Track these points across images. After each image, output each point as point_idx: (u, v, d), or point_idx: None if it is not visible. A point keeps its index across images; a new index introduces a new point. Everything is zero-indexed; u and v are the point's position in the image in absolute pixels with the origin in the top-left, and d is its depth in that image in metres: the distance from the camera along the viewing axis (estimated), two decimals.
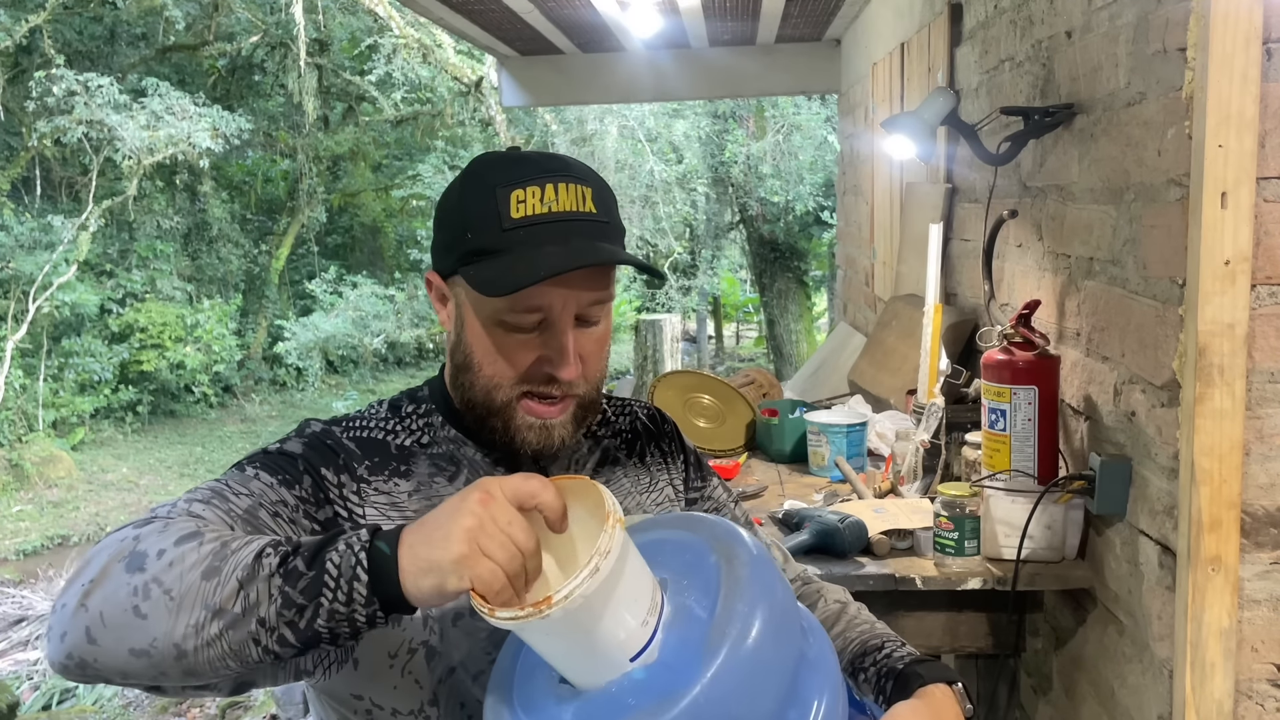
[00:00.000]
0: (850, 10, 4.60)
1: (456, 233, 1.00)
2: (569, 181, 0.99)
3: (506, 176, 0.98)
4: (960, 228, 2.67)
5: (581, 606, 0.75)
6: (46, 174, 13.04)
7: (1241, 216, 1.29)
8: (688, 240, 13.56)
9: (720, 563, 0.84)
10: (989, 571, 1.73)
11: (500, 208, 0.97)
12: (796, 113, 11.09)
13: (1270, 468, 1.34)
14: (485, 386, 1.01)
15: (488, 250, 0.97)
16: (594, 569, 0.75)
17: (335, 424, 1.04)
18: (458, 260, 1.00)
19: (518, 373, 1.00)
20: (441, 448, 1.06)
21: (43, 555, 9.87)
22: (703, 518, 0.94)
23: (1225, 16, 1.27)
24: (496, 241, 0.96)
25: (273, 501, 0.93)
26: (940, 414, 2.07)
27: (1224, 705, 1.36)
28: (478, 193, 0.99)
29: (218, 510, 0.89)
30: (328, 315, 12.96)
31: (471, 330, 1.01)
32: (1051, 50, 1.92)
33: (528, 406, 1.01)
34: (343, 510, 0.98)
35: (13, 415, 11.53)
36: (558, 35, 5.10)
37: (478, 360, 1.01)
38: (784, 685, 0.80)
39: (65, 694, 6.64)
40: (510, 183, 0.98)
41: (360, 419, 1.06)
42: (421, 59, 11.83)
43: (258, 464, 0.96)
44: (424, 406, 1.09)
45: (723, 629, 0.78)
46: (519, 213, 0.97)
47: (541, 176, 0.98)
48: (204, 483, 0.94)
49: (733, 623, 0.78)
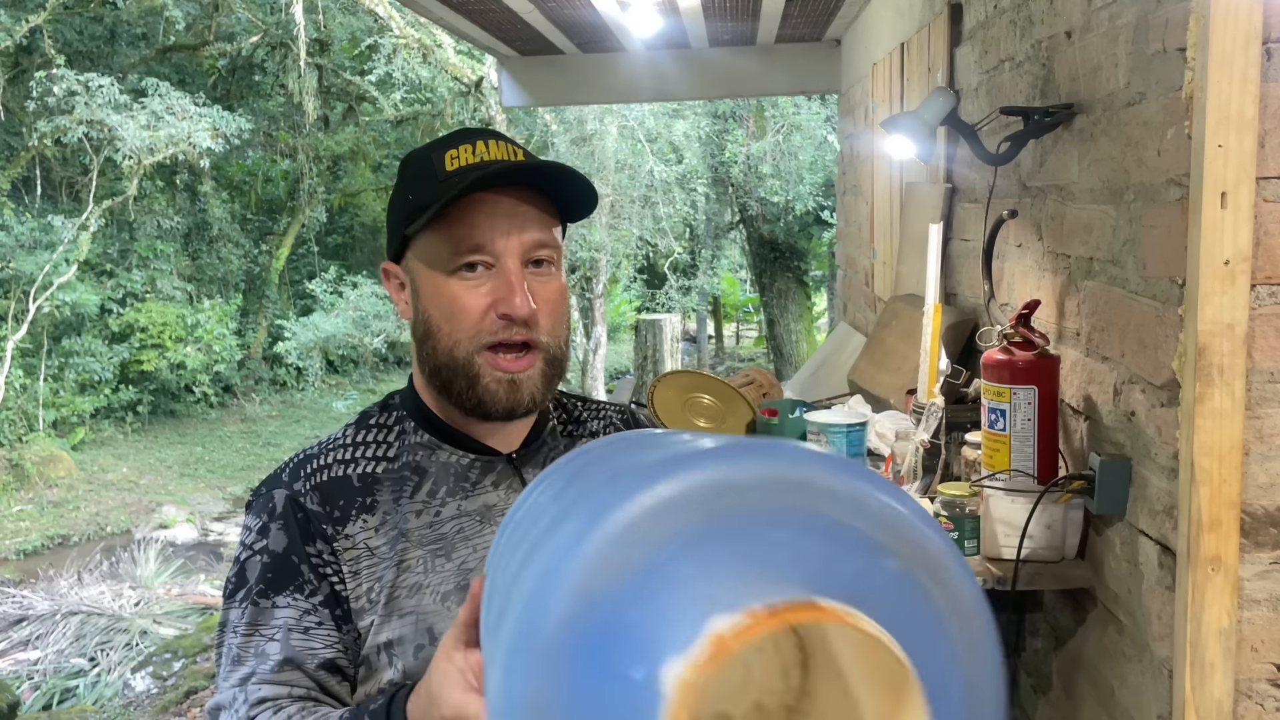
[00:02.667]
0: (850, 10, 4.60)
1: (400, 206, 1.05)
2: (500, 140, 1.05)
3: (440, 145, 1.05)
4: (960, 228, 2.67)
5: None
6: (47, 174, 13.05)
7: (1241, 216, 1.29)
8: (688, 240, 13.56)
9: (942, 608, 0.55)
10: (989, 571, 1.73)
11: (435, 166, 1.03)
12: (796, 113, 11.09)
13: (1270, 468, 1.34)
14: (446, 346, 1.02)
15: (426, 202, 1.00)
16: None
17: (297, 476, 1.04)
18: (403, 224, 1.03)
19: (474, 322, 1.01)
20: (407, 457, 1.06)
21: (43, 555, 9.87)
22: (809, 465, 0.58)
23: (1225, 16, 1.27)
24: (433, 192, 1.00)
25: (298, 620, 0.99)
26: (940, 414, 2.07)
27: (1224, 705, 1.36)
28: (416, 164, 1.06)
29: (272, 685, 0.96)
30: (328, 315, 12.96)
31: (426, 295, 1.03)
32: (1051, 50, 1.92)
33: (491, 360, 1.01)
34: (332, 574, 1.01)
35: (13, 415, 11.53)
36: (558, 35, 5.10)
37: (435, 322, 1.03)
38: None
39: (65, 694, 6.64)
40: (444, 147, 1.04)
41: (321, 454, 1.06)
42: (421, 59, 11.83)
43: (267, 587, 0.99)
44: (395, 414, 1.10)
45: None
46: (452, 165, 1.02)
47: (473, 137, 1.04)
48: (238, 636, 0.99)
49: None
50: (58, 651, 7.10)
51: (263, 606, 0.99)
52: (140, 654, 7.00)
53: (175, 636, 7.25)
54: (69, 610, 7.52)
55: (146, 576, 8.47)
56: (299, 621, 0.98)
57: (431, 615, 1.00)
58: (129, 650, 7.07)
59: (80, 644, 7.16)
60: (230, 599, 1.01)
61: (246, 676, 0.97)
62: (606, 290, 12.50)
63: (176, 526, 10.60)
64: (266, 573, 1.00)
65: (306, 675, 0.98)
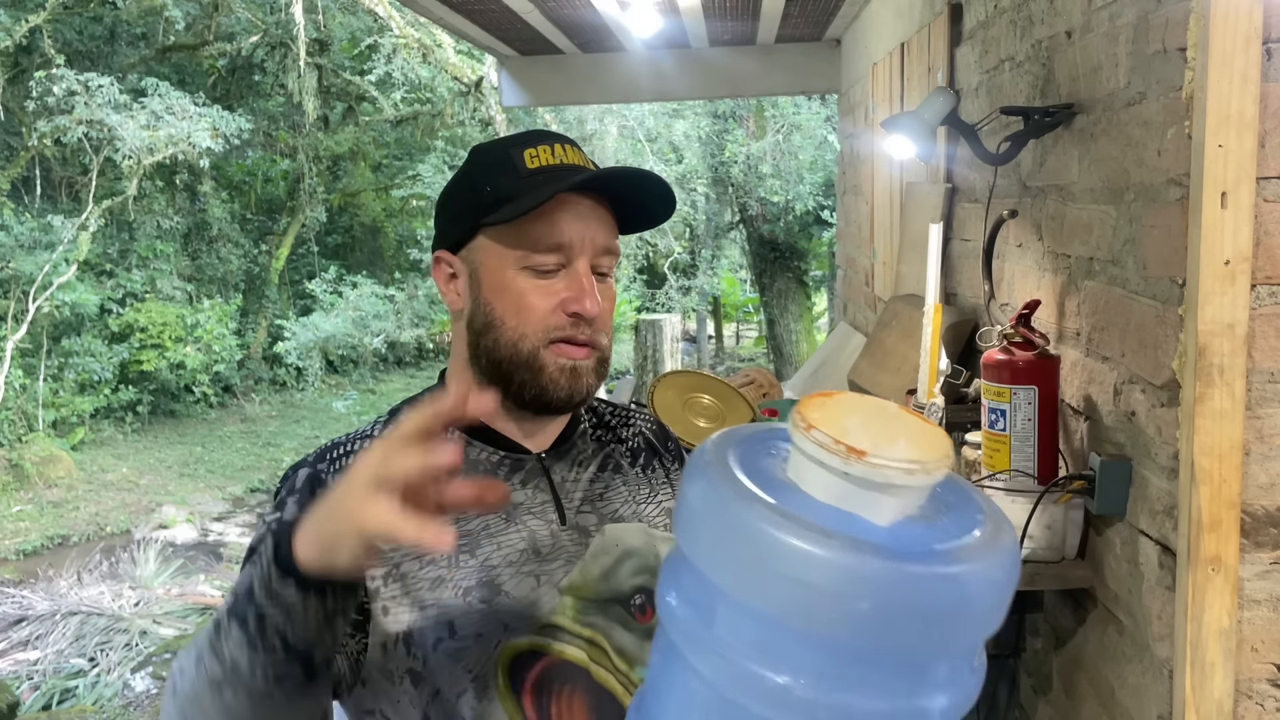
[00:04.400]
0: (850, 10, 4.60)
1: (473, 194, 1.05)
2: (575, 146, 1.07)
3: (516, 142, 1.06)
4: (960, 228, 2.67)
5: (879, 484, 0.71)
6: (46, 174, 13.05)
7: (1241, 216, 1.29)
8: (688, 240, 13.57)
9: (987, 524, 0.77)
10: None
11: (516, 163, 1.03)
12: (796, 112, 11.10)
13: (1270, 468, 1.34)
14: (511, 340, 1.02)
15: (508, 195, 1.01)
16: (913, 469, 0.71)
17: (322, 459, 1.04)
18: (477, 214, 1.03)
19: (543, 319, 1.02)
20: None
21: (43, 555, 9.87)
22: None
23: (1225, 16, 1.27)
24: (516, 185, 1.02)
25: None
26: (940, 414, 2.07)
27: (1224, 705, 1.36)
28: (491, 157, 1.06)
29: None
30: (328, 315, 12.96)
31: (491, 287, 1.03)
32: (1051, 50, 1.92)
33: (558, 349, 1.02)
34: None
35: (13, 415, 11.53)
36: (558, 35, 5.10)
37: (500, 315, 1.03)
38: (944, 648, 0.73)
39: (65, 694, 6.64)
40: (522, 145, 1.05)
41: (348, 441, 1.06)
42: (421, 59, 11.83)
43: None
44: None
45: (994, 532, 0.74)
46: (533, 164, 1.03)
47: (550, 139, 1.06)
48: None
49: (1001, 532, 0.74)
50: (57, 652, 7.10)
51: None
52: (140, 654, 7.01)
53: (175, 636, 7.26)
54: (69, 610, 7.53)
55: (146, 576, 8.47)
56: None
57: (453, 610, 1.00)
58: (129, 650, 7.08)
59: (80, 644, 7.17)
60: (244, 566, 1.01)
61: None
62: None
63: (176, 527, 10.60)
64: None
65: None
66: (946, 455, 0.74)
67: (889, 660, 0.70)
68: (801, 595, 0.68)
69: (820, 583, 0.67)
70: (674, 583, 0.78)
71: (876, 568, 0.68)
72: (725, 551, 0.72)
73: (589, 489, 1.11)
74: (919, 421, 0.79)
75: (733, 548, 0.71)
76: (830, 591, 0.67)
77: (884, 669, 0.70)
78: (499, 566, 1.03)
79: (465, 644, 0.99)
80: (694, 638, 0.74)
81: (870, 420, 0.77)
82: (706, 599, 0.74)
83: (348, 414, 13.47)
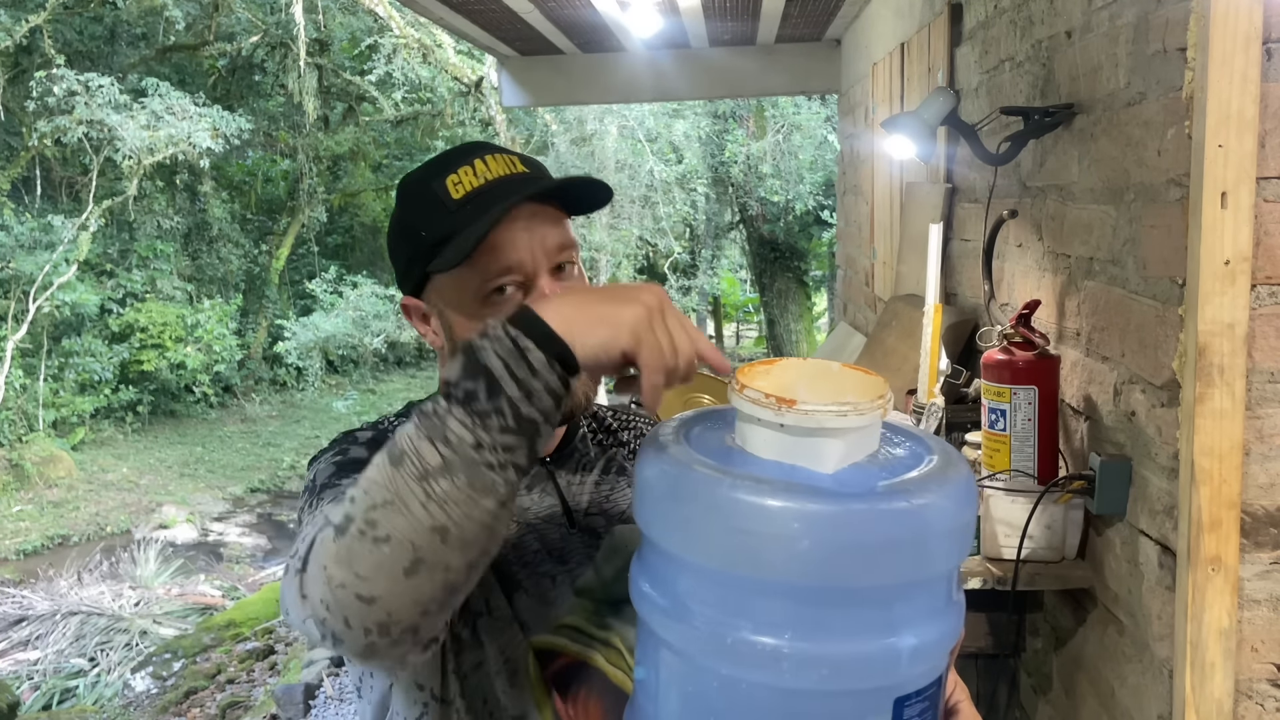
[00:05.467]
0: (850, 10, 4.60)
1: (412, 241, 1.02)
2: (494, 153, 1.03)
3: (436, 172, 1.02)
4: (960, 228, 2.67)
5: (812, 429, 0.74)
6: (46, 174, 13.05)
7: (1241, 216, 1.29)
8: (688, 240, 13.57)
9: (937, 459, 0.80)
10: (989, 571, 1.73)
11: (441, 197, 1.00)
12: (796, 112, 11.10)
13: (1270, 468, 1.34)
14: None
15: (445, 236, 0.98)
16: (844, 411, 0.74)
17: (372, 425, 1.06)
18: (423, 262, 1.01)
19: None
20: None
21: (43, 555, 9.87)
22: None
23: (1225, 16, 1.27)
24: (449, 224, 0.99)
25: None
26: (940, 414, 2.07)
27: (1224, 705, 1.36)
28: (417, 197, 1.03)
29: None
30: (328, 315, 12.96)
31: (462, 325, 1.02)
32: (1051, 50, 1.92)
33: None
34: None
35: (13, 415, 11.53)
36: (558, 35, 5.10)
37: None
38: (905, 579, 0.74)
39: (65, 694, 6.64)
40: (441, 173, 1.01)
41: (383, 420, 1.09)
42: (421, 59, 11.83)
43: (348, 467, 0.97)
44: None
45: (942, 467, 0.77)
46: (458, 193, 1.00)
47: (467, 157, 1.02)
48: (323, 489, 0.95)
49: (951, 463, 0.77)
50: (58, 651, 7.10)
51: (350, 454, 0.99)
52: (140, 654, 7.00)
53: (175, 636, 7.25)
54: (69, 610, 7.52)
55: (146, 576, 8.47)
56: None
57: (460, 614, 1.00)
58: (129, 650, 7.08)
59: (80, 644, 7.17)
60: (307, 497, 0.98)
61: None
62: None
63: (176, 527, 10.60)
64: (345, 466, 0.98)
65: None
66: (880, 396, 0.77)
67: (843, 601, 0.71)
68: (745, 544, 0.70)
69: (760, 528, 0.70)
70: (641, 568, 0.80)
71: (813, 508, 0.70)
72: (673, 517, 0.75)
73: (595, 492, 1.11)
74: (859, 373, 0.82)
75: (679, 511, 0.74)
76: (771, 535, 0.70)
77: (840, 611, 0.71)
78: (515, 565, 1.03)
79: (501, 624, 0.99)
80: (661, 612, 0.76)
81: (808, 377, 0.80)
82: (666, 570, 0.77)
83: (348, 414, 13.47)
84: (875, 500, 0.72)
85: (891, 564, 0.72)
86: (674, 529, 0.75)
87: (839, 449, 0.75)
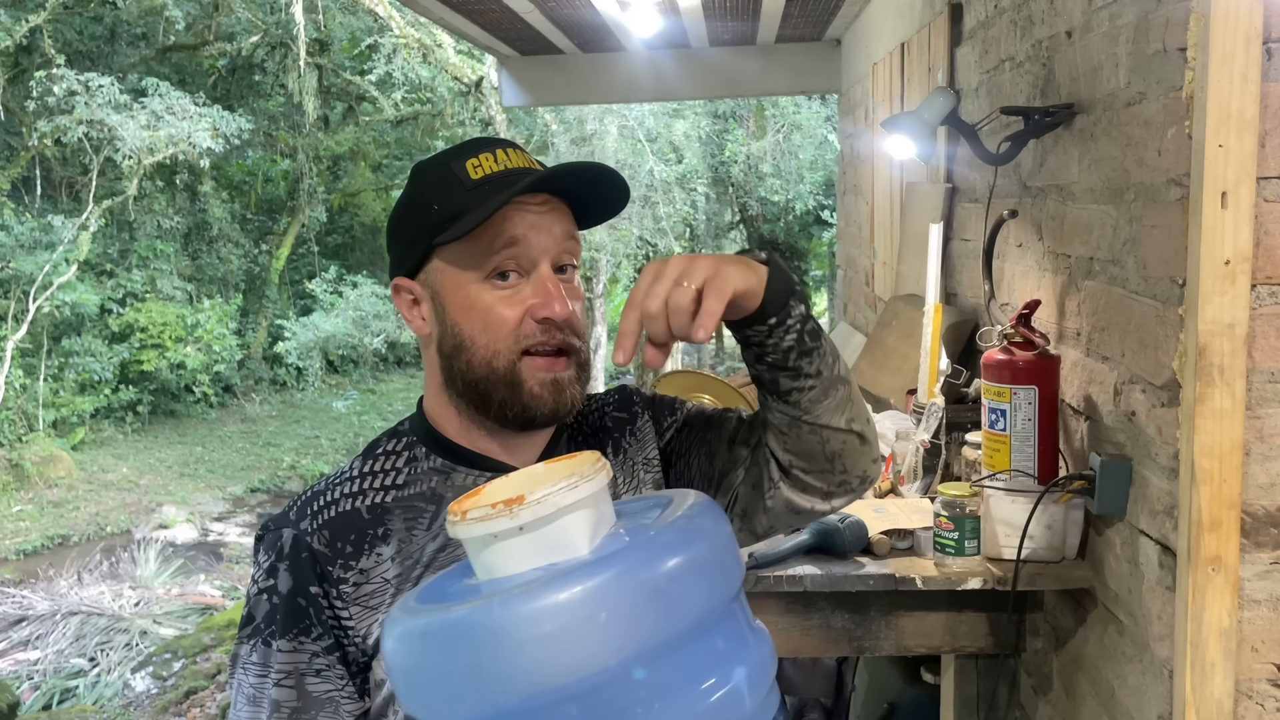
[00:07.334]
0: (850, 10, 4.60)
1: (421, 215, 1.02)
2: (517, 148, 1.04)
3: (457, 155, 1.03)
4: (960, 228, 2.67)
5: (552, 514, 0.71)
6: (47, 174, 13.05)
7: (1241, 216, 1.29)
8: (688, 240, 13.55)
9: (672, 500, 0.82)
10: (989, 571, 1.73)
11: (460, 176, 1.00)
12: (796, 112, 11.10)
13: (1270, 468, 1.34)
14: (484, 358, 1.00)
15: (457, 212, 0.98)
16: (574, 483, 0.72)
17: (304, 514, 1.02)
18: (430, 235, 1.00)
19: (511, 331, 0.99)
20: (421, 485, 1.04)
21: (43, 555, 9.87)
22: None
23: (1225, 16, 1.27)
24: (464, 201, 0.99)
25: (308, 663, 0.98)
26: (940, 414, 2.07)
27: (1224, 705, 1.36)
28: (434, 175, 1.03)
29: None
30: (328, 315, 12.96)
31: (456, 307, 1.01)
32: (1051, 50, 1.92)
33: (533, 364, 1.00)
34: (332, 618, 0.99)
35: (13, 415, 11.53)
36: (558, 35, 5.10)
37: (468, 334, 1.00)
38: (705, 608, 0.72)
39: (65, 694, 6.64)
40: (463, 156, 1.02)
41: (327, 489, 1.04)
42: (421, 59, 11.83)
43: (276, 629, 0.99)
44: (404, 440, 1.07)
45: (664, 518, 0.76)
46: (477, 174, 1.00)
47: (490, 146, 1.03)
48: (249, 675, 0.99)
49: (674, 512, 0.76)
50: (58, 651, 7.10)
51: (274, 647, 0.98)
52: (140, 654, 7.01)
53: (175, 636, 7.25)
54: (69, 610, 7.52)
55: (146, 576, 8.47)
56: (309, 664, 0.98)
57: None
58: (129, 650, 7.08)
59: (80, 644, 7.17)
60: (241, 634, 1.01)
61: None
62: (606, 290, 12.51)
63: (176, 526, 10.60)
64: (275, 614, 0.99)
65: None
66: (596, 460, 0.76)
67: (665, 653, 0.69)
68: (546, 652, 0.66)
69: (553, 626, 0.66)
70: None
71: (598, 578, 0.67)
72: (455, 676, 0.68)
73: None
74: (565, 460, 0.81)
75: (458, 665, 0.68)
76: (568, 626, 0.66)
77: (667, 666, 0.69)
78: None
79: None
80: None
81: (515, 482, 0.78)
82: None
83: (348, 414, 13.47)
84: (649, 543, 0.71)
85: (691, 595, 0.70)
86: (463, 689, 0.68)
87: (586, 525, 0.73)
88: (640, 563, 0.69)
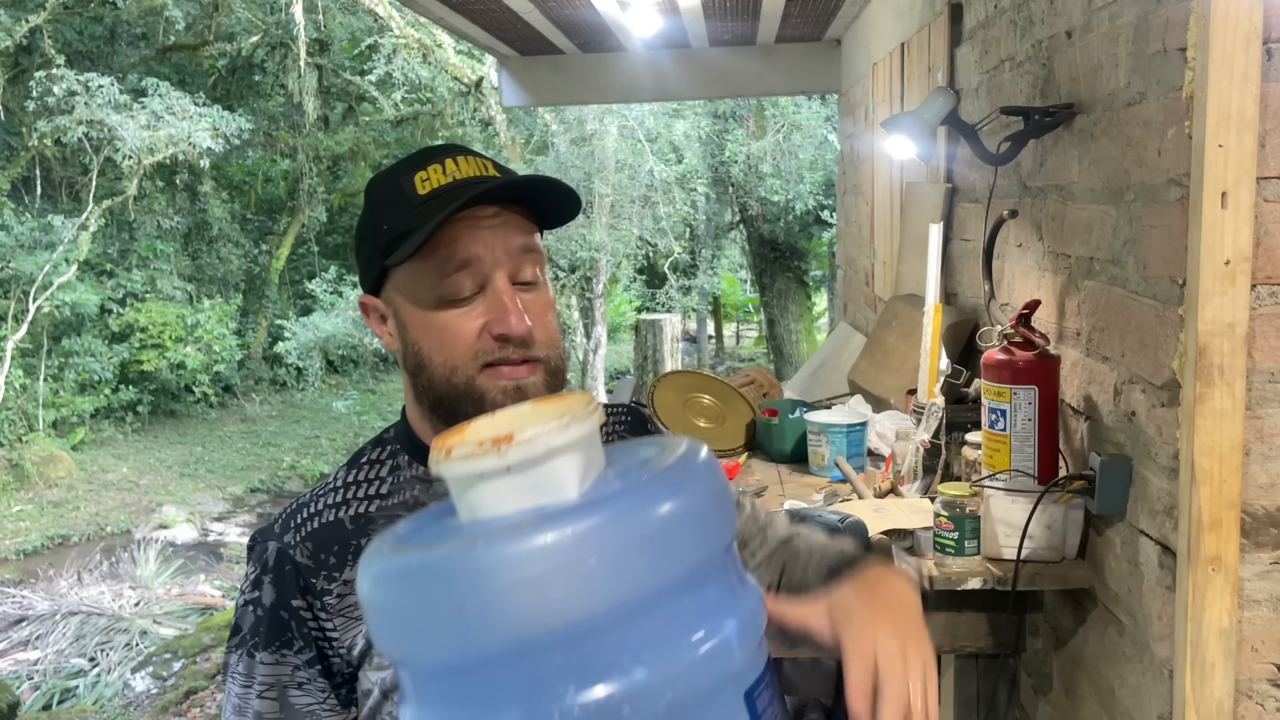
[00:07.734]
0: (850, 10, 4.60)
1: (375, 235, 1.00)
2: (468, 155, 1.01)
3: (407, 167, 1.01)
4: (960, 228, 2.67)
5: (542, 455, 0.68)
6: (46, 174, 13.05)
7: (1241, 216, 1.29)
8: (688, 240, 13.56)
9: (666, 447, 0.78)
10: (989, 571, 1.73)
11: (407, 191, 0.98)
12: (796, 112, 11.09)
13: (1270, 468, 1.34)
14: (444, 375, 0.98)
15: (404, 231, 0.96)
16: (565, 424, 0.69)
17: (288, 527, 1.02)
18: (381, 255, 0.99)
19: (469, 348, 0.97)
20: (405, 494, 1.04)
21: (43, 555, 9.86)
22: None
23: (1225, 16, 1.27)
24: (410, 219, 0.96)
25: (290, 676, 1.00)
26: (940, 414, 2.07)
27: (1224, 705, 1.36)
28: (384, 191, 1.01)
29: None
30: (328, 315, 12.95)
31: (414, 325, 1.00)
32: (1051, 50, 1.92)
33: (494, 373, 0.98)
34: (316, 630, 1.00)
35: (13, 415, 11.53)
36: (558, 35, 5.10)
37: (427, 352, 0.99)
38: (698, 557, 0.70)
39: (65, 694, 6.64)
40: (411, 169, 1.00)
41: (311, 500, 1.04)
42: (421, 59, 11.83)
43: (260, 641, 1.00)
44: (388, 449, 1.08)
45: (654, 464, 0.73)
46: (424, 189, 0.98)
47: (438, 156, 1.00)
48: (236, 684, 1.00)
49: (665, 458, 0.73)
50: (58, 651, 7.10)
51: (257, 659, 1.00)
52: (140, 654, 7.00)
53: (175, 636, 7.25)
54: (69, 610, 7.52)
55: (146, 576, 8.47)
56: (291, 677, 0.99)
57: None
58: (129, 650, 7.07)
59: (80, 644, 7.16)
60: (230, 643, 1.02)
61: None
62: (606, 290, 12.50)
63: (176, 526, 10.60)
64: (259, 626, 1.00)
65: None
66: (589, 401, 0.73)
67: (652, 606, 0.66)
68: (528, 597, 0.63)
69: (538, 570, 0.63)
70: (419, 704, 0.70)
71: (587, 522, 0.65)
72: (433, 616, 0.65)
73: None
74: (555, 400, 0.76)
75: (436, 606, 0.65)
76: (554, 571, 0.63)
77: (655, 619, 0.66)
78: None
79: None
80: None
81: (502, 419, 0.73)
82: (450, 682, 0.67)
83: (348, 414, 13.46)
84: (642, 488, 0.68)
85: (683, 544, 0.67)
86: (445, 632, 0.65)
87: (576, 468, 0.70)
88: (633, 508, 0.67)
